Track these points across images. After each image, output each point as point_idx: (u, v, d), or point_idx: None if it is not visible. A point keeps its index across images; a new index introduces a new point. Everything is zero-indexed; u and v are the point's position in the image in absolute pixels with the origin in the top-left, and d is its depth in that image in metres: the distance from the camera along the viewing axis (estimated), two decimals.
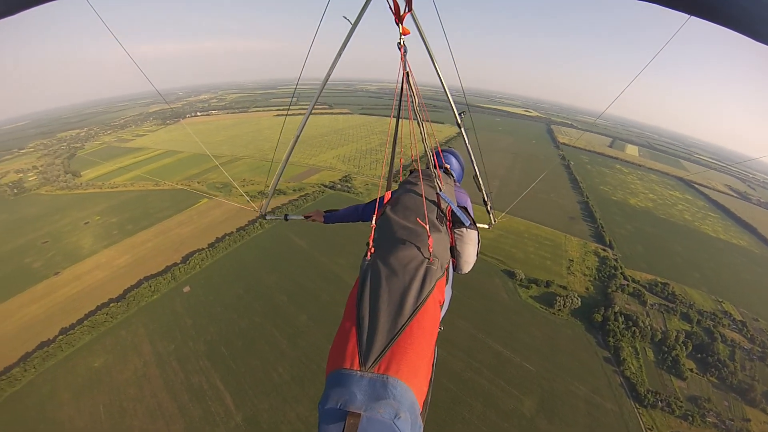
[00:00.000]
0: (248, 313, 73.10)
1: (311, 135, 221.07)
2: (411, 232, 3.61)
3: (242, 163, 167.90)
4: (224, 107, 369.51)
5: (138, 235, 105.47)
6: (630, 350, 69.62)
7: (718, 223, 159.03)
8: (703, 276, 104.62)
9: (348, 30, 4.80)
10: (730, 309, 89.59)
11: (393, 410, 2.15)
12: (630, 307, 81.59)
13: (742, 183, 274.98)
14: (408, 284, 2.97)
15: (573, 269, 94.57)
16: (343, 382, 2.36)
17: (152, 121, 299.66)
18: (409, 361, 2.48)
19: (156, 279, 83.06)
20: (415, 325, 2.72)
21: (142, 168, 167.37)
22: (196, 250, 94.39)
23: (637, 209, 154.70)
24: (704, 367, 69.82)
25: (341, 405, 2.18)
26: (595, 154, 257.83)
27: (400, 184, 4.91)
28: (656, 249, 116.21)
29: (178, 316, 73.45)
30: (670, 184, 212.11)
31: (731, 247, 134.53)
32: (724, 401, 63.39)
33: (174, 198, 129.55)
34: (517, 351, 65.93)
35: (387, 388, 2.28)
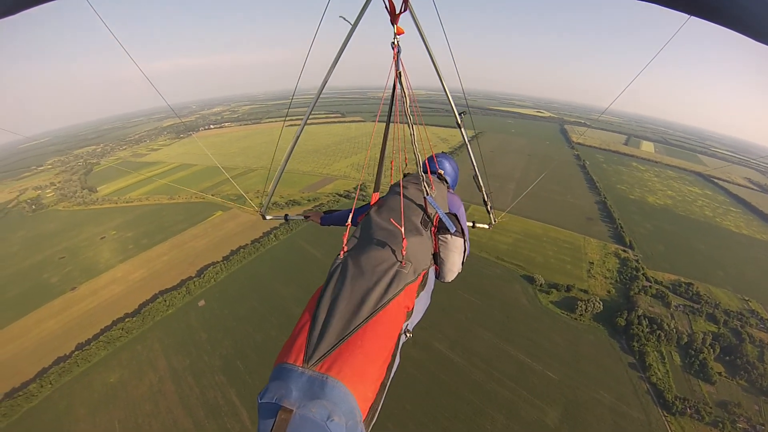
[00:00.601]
0: (263, 326, 73.23)
1: (325, 144, 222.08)
2: (389, 234, 3.61)
3: (256, 175, 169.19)
4: (237, 119, 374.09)
5: (153, 249, 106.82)
6: (655, 355, 68.04)
7: (740, 218, 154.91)
8: (728, 274, 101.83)
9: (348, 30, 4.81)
10: (758, 308, 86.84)
11: (326, 411, 2.08)
12: (654, 310, 79.80)
13: (762, 175, 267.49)
14: (372, 286, 2.95)
15: (593, 272, 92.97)
16: (283, 376, 2.35)
17: (166, 136, 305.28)
18: (355, 364, 2.42)
19: (171, 293, 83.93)
20: (370, 327, 2.67)
21: (157, 181, 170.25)
22: (211, 263, 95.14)
23: (656, 207, 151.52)
24: (733, 369, 67.83)
25: (276, 399, 2.14)
26: (611, 153, 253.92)
27: (391, 187, 4.91)
28: (678, 248, 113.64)
29: (193, 330, 74.01)
30: (688, 180, 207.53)
31: (755, 243, 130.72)
32: (754, 405, 61.42)
33: (188, 211, 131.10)
34: (539, 359, 64.92)
35: (324, 388, 2.23)
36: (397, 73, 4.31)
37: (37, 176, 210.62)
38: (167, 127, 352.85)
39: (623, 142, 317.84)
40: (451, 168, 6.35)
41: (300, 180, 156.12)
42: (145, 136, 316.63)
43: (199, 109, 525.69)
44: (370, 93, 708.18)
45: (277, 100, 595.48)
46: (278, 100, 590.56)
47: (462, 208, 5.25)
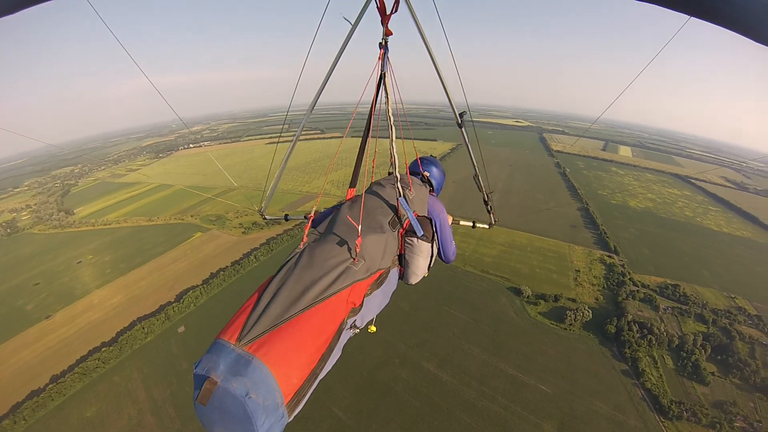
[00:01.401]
0: None
1: (304, 162, 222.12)
2: (348, 230, 3.69)
3: (236, 193, 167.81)
4: (217, 137, 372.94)
5: (131, 273, 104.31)
6: (648, 360, 68.22)
7: (720, 216, 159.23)
8: (713, 273, 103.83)
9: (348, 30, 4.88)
10: (744, 304, 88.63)
11: (245, 388, 2.25)
12: (643, 314, 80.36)
13: (737, 173, 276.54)
14: (318, 278, 3.06)
15: (580, 280, 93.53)
16: (216, 350, 2.52)
17: (145, 155, 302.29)
18: (283, 350, 2.56)
19: (149, 320, 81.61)
20: (306, 317, 2.79)
21: (136, 203, 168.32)
22: (191, 287, 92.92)
23: (638, 211, 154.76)
24: (725, 368, 68.47)
25: (206, 371, 2.36)
26: (590, 159, 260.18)
27: (370, 185, 5.03)
28: (662, 250, 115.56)
29: (174, 358, 71.80)
30: (667, 182, 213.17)
31: (736, 240, 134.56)
32: (749, 403, 62.02)
33: (168, 232, 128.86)
34: (532, 373, 64.36)
35: (248, 367, 2.37)
36: (381, 72, 4.47)
37: (14, 198, 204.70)
38: (147, 146, 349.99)
39: (601, 148, 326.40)
40: (438, 172, 6.43)
41: (281, 198, 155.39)
42: (124, 155, 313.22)
43: (179, 128, 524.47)
44: (349, 108, 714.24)
45: (257, 117, 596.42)
46: (258, 117, 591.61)
47: (443, 214, 5.26)
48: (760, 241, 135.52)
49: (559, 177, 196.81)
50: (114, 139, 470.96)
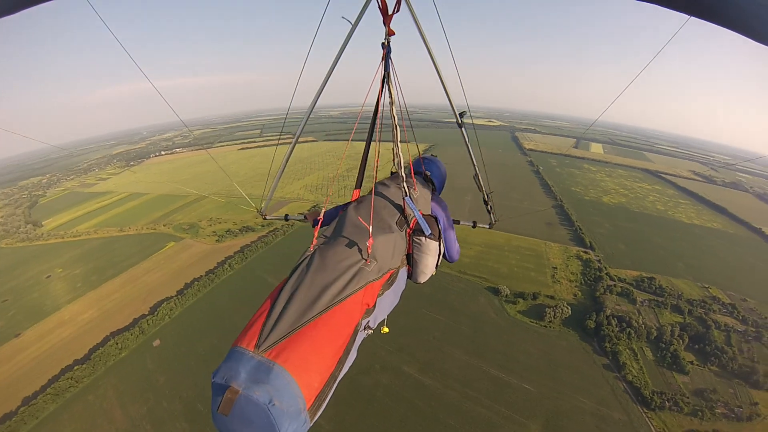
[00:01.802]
0: None
1: (277, 166, 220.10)
2: (358, 231, 3.74)
3: (209, 201, 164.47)
4: (189, 144, 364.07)
5: (103, 286, 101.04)
6: (628, 353, 69.77)
7: (690, 209, 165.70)
8: (687, 264, 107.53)
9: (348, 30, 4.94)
10: (718, 293, 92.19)
11: (269, 396, 2.26)
12: (621, 308, 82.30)
13: (705, 167, 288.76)
14: (333, 280, 3.09)
15: (558, 277, 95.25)
16: (235, 358, 2.53)
17: (116, 164, 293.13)
18: (303, 354, 2.57)
19: (123, 334, 79.13)
20: (323, 321, 2.81)
21: (107, 213, 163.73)
22: (165, 298, 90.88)
23: (612, 206, 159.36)
24: (704, 357, 70.69)
25: (226, 379, 2.37)
26: (562, 156, 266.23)
27: (375, 185, 5.00)
28: (637, 244, 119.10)
29: (150, 373, 69.60)
30: (638, 177, 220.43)
31: (707, 231, 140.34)
32: (729, 389, 64.17)
33: (140, 243, 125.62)
34: (515, 372, 64.89)
35: (270, 374, 2.38)
36: (385, 73, 4.57)
37: None
38: (117, 154, 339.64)
39: (573, 146, 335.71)
40: (439, 171, 6.58)
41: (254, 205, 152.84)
42: (94, 164, 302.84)
43: (150, 134, 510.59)
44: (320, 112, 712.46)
45: (230, 123, 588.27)
46: (231, 123, 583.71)
47: (446, 211, 5.45)
48: (729, 232, 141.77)
49: (533, 175, 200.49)
50: (83, 147, 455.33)
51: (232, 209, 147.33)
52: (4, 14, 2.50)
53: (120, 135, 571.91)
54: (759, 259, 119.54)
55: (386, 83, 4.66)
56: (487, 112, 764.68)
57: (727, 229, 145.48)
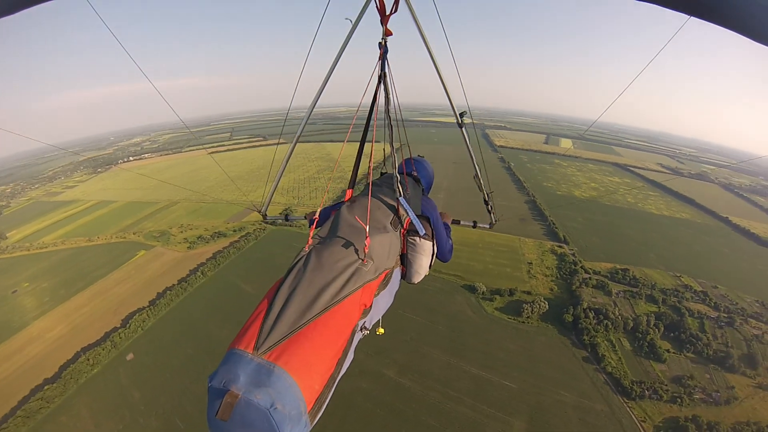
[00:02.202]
0: (202, 375, 66.73)
1: (247, 169, 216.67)
2: (354, 231, 3.72)
3: (179, 208, 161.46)
4: (158, 149, 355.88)
5: (72, 299, 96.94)
6: (606, 344, 71.42)
7: (659, 200, 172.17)
8: (658, 255, 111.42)
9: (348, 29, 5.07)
10: (690, 281, 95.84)
11: (270, 399, 2.23)
12: (597, 300, 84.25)
13: (671, 159, 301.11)
14: (330, 280, 3.06)
15: (533, 272, 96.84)
16: (233, 361, 2.48)
17: (83, 171, 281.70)
18: (303, 356, 2.55)
19: (95, 349, 76.12)
20: (322, 321, 2.80)
21: (74, 222, 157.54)
22: (137, 309, 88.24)
23: (583, 200, 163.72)
24: (679, 344, 73.14)
25: (224, 383, 2.31)
26: (533, 152, 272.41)
27: (366, 185, 4.88)
28: (610, 236, 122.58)
29: (124, 389, 67.03)
30: (608, 171, 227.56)
31: (676, 222, 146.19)
32: (705, 374, 66.70)
33: (110, 253, 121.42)
34: (495, 370, 65.42)
35: (271, 376, 2.35)
36: (381, 73, 4.64)
37: None
38: (84, 161, 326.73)
39: (543, 141, 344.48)
40: (427, 171, 6.70)
41: (225, 210, 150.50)
42: (60, 172, 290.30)
43: (118, 140, 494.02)
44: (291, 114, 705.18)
45: (199, 126, 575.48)
46: (199, 126, 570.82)
47: (436, 211, 5.48)
48: (697, 222, 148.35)
49: (504, 171, 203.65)
50: (48, 154, 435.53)
51: (204, 215, 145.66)
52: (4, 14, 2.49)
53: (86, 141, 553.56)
54: (726, 246, 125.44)
55: (382, 83, 4.74)
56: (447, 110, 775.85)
57: (695, 218, 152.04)
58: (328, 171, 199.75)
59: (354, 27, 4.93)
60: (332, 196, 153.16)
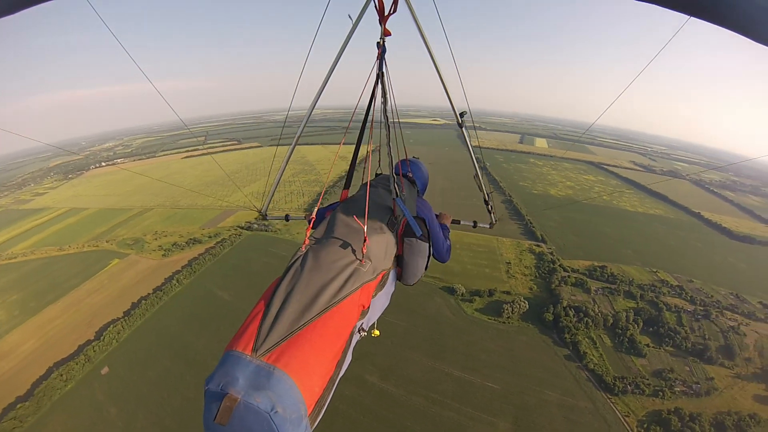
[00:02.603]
0: (180, 387, 65.98)
1: (222, 174, 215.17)
2: (352, 231, 3.74)
3: (153, 214, 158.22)
4: (131, 154, 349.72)
5: (44, 311, 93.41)
6: (587, 342, 72.83)
7: (633, 197, 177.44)
8: (635, 251, 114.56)
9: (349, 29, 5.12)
10: (666, 277, 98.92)
11: (271, 402, 2.20)
12: (576, 298, 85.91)
13: (643, 157, 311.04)
14: (329, 281, 3.05)
15: (512, 272, 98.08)
16: (231, 363, 2.44)
17: (53, 177, 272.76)
18: (303, 358, 2.53)
19: (68, 364, 73.41)
20: (321, 323, 2.78)
21: (45, 231, 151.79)
22: (112, 321, 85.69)
23: (560, 198, 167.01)
24: (658, 339, 75.23)
25: (222, 386, 2.26)
26: (508, 152, 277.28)
27: (362, 185, 5.10)
28: (586, 234, 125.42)
29: (100, 405, 64.61)
30: (582, 169, 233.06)
31: (651, 218, 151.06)
32: (685, 367, 68.81)
33: (82, 262, 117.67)
34: (478, 371, 65.83)
35: (270, 379, 2.33)
36: (379, 73, 4.71)
37: None
38: (55, 167, 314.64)
39: (518, 141, 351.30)
40: (422, 172, 6.81)
41: (200, 216, 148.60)
42: (29, 178, 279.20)
43: (90, 145, 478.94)
44: (266, 117, 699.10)
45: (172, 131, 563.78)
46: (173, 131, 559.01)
47: (431, 213, 5.52)
48: (671, 218, 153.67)
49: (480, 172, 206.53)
50: (18, 160, 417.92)
51: (179, 221, 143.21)
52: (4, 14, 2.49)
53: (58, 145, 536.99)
54: (699, 240, 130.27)
55: (380, 83, 4.80)
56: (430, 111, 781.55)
57: (669, 214, 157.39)
58: (303, 174, 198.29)
59: (354, 27, 4.99)
60: (308, 200, 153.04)
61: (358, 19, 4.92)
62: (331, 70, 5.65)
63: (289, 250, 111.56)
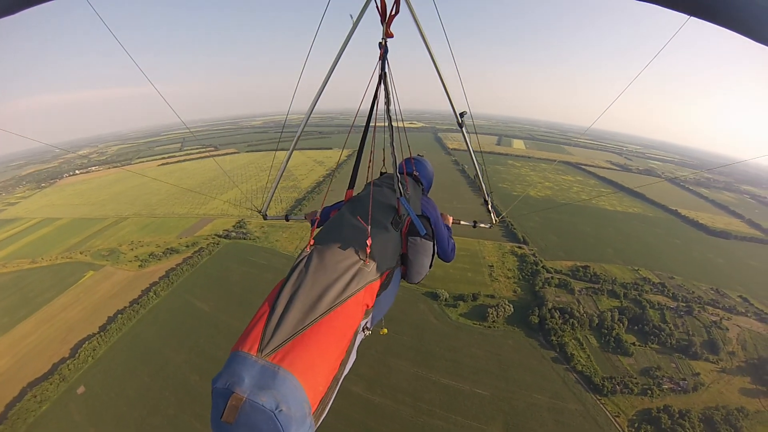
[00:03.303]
0: (160, 406, 63.91)
1: (199, 181, 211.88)
2: (356, 231, 3.80)
3: (129, 223, 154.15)
4: (106, 161, 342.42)
5: (16, 328, 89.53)
6: (574, 343, 73.65)
7: (612, 197, 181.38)
8: (616, 250, 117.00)
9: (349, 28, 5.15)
10: (647, 274, 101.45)
11: (275, 402, 2.29)
12: (561, 299, 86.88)
13: (619, 156, 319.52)
14: (333, 281, 3.15)
15: (495, 275, 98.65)
16: (237, 363, 2.54)
17: (26, 186, 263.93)
18: (308, 357, 2.62)
19: (42, 384, 70.30)
20: (326, 322, 2.86)
21: (17, 243, 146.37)
22: (87, 336, 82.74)
23: (539, 199, 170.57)
24: (644, 337, 76.70)
25: (229, 385, 2.36)
26: (486, 154, 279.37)
27: (366, 185, 5.25)
28: (568, 234, 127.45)
29: (77, 427, 62.13)
30: (560, 170, 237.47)
31: (629, 216, 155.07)
32: (671, 364, 70.38)
33: (56, 275, 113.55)
34: (465, 378, 65.66)
35: (276, 378, 2.42)
36: (381, 73, 4.73)
37: None
38: (27, 175, 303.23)
39: (496, 143, 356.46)
40: (427, 171, 6.94)
41: (177, 224, 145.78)
42: (1, 187, 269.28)
43: (64, 153, 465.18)
44: (242, 122, 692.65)
45: (149, 137, 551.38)
46: (149, 137, 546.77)
47: (436, 211, 5.67)
48: (649, 215, 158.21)
49: (458, 174, 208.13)
50: None
51: (155, 230, 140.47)
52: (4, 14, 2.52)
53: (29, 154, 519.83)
54: (678, 237, 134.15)
55: (382, 84, 4.83)
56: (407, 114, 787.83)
57: (647, 213, 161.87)
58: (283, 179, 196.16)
59: (353, 28, 5.02)
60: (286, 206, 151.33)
61: (358, 20, 4.94)
62: (331, 71, 5.67)
63: (268, 258, 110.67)
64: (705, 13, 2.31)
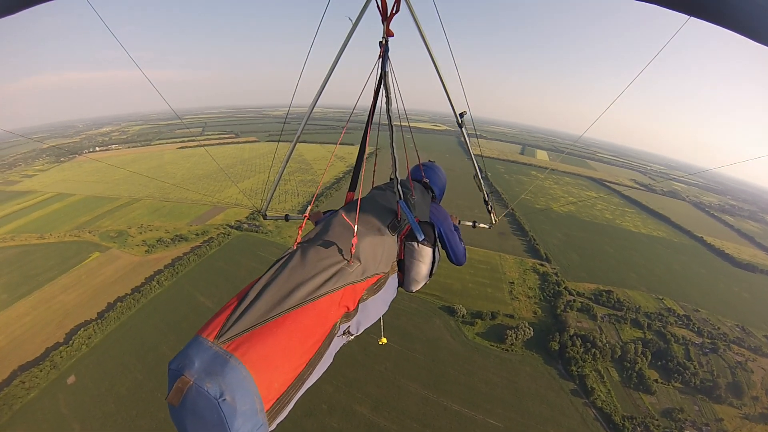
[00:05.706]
0: (150, 407, 60.47)
1: (216, 168, 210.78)
2: (344, 231, 3.64)
3: (141, 205, 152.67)
4: (126, 141, 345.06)
5: (14, 306, 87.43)
6: (595, 375, 68.83)
7: (636, 217, 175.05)
8: (639, 275, 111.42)
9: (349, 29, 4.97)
10: (672, 304, 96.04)
11: (220, 389, 2.18)
12: (583, 325, 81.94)
13: (643, 176, 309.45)
14: (309, 278, 2.99)
15: (515, 293, 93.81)
16: (193, 346, 2.46)
17: (45, 159, 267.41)
18: (265, 351, 2.46)
19: (32, 370, 67.65)
20: (291, 318, 2.70)
21: (28, 216, 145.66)
22: (84, 322, 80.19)
23: (562, 215, 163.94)
24: (667, 374, 71.88)
25: (180, 368, 2.28)
26: (510, 163, 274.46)
27: (371, 189, 5.18)
28: (590, 254, 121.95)
29: (63, 420, 59.27)
30: (584, 185, 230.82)
31: (653, 240, 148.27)
32: (694, 406, 65.56)
33: (61, 253, 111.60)
34: (478, 406, 61.22)
35: (225, 366, 2.30)
36: (381, 72, 4.49)
37: None
38: (48, 148, 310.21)
39: (519, 152, 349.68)
40: (439, 178, 6.61)
41: (188, 211, 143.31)
42: (20, 159, 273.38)
43: (87, 128, 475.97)
44: (265, 112, 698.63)
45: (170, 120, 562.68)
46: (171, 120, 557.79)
47: (448, 220, 5.40)
48: (674, 241, 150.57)
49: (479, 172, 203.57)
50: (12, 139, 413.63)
51: (166, 215, 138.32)
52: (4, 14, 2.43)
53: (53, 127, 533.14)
54: (703, 266, 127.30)
55: (383, 83, 4.55)
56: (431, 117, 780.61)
57: (671, 237, 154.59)
58: (299, 173, 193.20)
59: (354, 27, 4.73)
60: (302, 201, 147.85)
61: (358, 19, 4.66)
62: (332, 69, 5.18)
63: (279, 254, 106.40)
64: (705, 13, 2.27)
